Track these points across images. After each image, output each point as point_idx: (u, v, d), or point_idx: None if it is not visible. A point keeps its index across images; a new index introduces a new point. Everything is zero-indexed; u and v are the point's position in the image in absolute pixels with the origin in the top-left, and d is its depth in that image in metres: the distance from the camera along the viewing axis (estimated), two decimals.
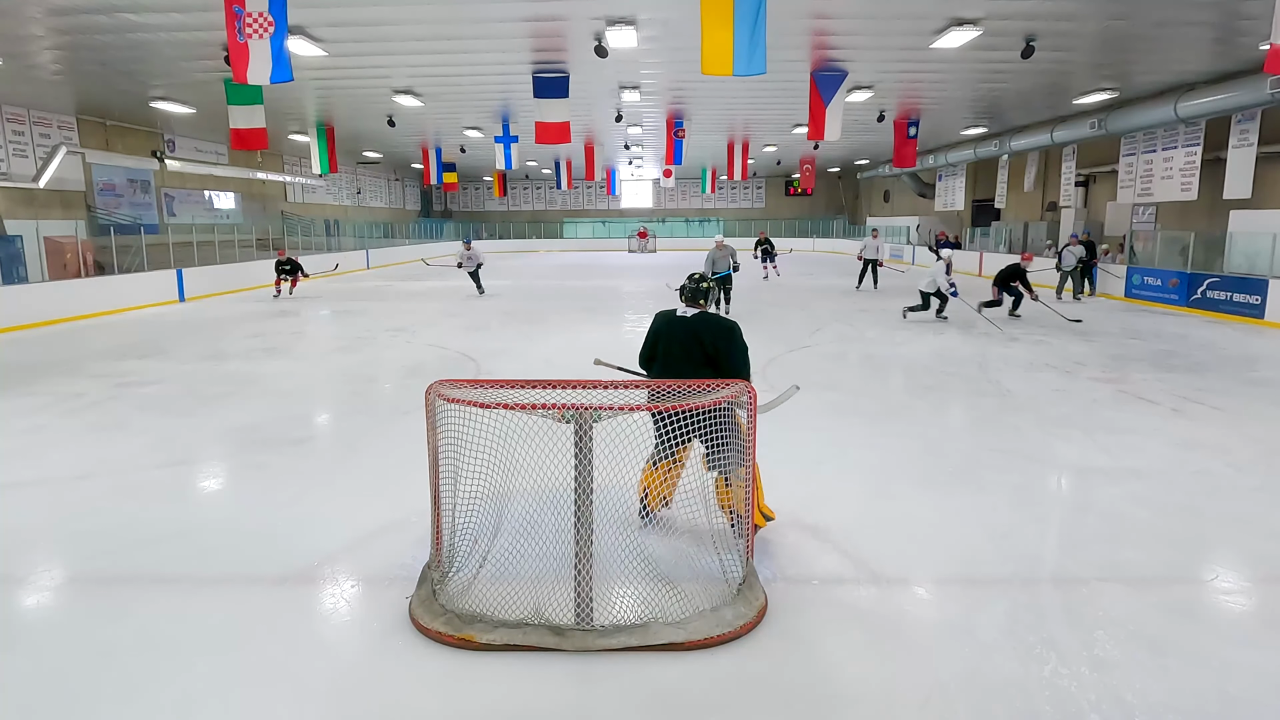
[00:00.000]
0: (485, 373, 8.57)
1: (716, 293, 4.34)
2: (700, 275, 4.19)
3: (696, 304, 4.09)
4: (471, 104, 16.01)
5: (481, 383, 3.27)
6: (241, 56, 7.61)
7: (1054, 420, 6.44)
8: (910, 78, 13.36)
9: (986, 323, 11.78)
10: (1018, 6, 9.03)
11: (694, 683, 2.85)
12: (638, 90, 14.40)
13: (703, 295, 4.11)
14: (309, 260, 18.06)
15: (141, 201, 19.12)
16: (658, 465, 3.79)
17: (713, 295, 4.19)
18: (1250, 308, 12.51)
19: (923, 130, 18.75)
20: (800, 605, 3.37)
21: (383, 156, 27.90)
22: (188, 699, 2.77)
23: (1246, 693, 2.78)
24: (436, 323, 12.63)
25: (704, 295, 4.11)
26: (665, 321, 4.13)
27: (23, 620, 3.38)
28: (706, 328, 3.99)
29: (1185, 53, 11.41)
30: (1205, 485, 4.94)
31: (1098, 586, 3.55)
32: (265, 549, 3.98)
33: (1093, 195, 20.47)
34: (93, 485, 5.00)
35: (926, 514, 4.44)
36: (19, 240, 13.82)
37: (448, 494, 3.35)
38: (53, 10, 8.90)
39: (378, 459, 5.54)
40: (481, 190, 40.81)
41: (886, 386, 7.99)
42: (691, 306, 4.09)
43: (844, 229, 37.57)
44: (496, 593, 3.25)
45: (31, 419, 6.62)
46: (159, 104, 14.93)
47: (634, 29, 9.70)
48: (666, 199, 40.63)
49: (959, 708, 2.70)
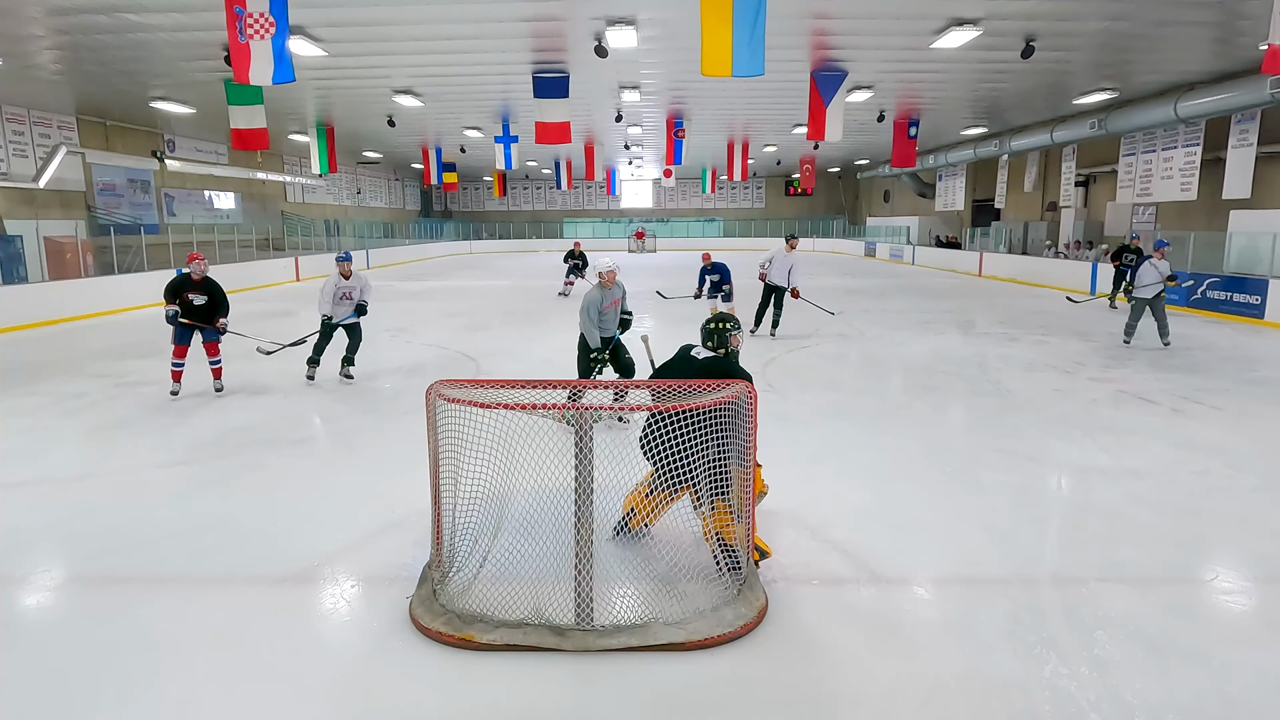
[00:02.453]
0: (485, 373, 8.57)
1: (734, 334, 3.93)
2: (720, 316, 3.93)
3: (708, 346, 3.88)
4: (471, 104, 16.01)
5: (481, 383, 3.26)
6: (243, 57, 7.61)
7: (1054, 420, 6.44)
8: (910, 78, 13.37)
9: (987, 323, 11.76)
10: (1018, 6, 9.03)
11: (694, 683, 2.85)
12: (638, 90, 14.40)
13: (712, 337, 3.84)
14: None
15: (141, 201, 19.12)
16: (651, 494, 3.70)
17: (730, 339, 3.84)
18: (1250, 308, 12.51)
19: (923, 130, 18.75)
20: (800, 605, 3.37)
21: (383, 156, 27.91)
22: (188, 699, 2.77)
23: (1246, 693, 2.78)
24: (436, 322, 12.62)
25: (714, 337, 3.84)
26: (680, 359, 3.97)
27: (23, 620, 3.38)
28: (711, 374, 3.72)
29: (1185, 53, 11.41)
30: (1205, 485, 4.94)
31: (1098, 586, 3.55)
32: (265, 549, 3.98)
33: (1093, 195, 20.48)
34: (93, 485, 5.00)
35: (926, 514, 4.44)
36: (19, 240, 13.82)
37: (448, 494, 3.35)
38: (53, 10, 8.91)
39: (378, 459, 5.53)
40: (481, 190, 40.81)
41: (886, 386, 7.99)
42: (705, 349, 3.89)
43: (844, 229, 37.62)
44: (497, 593, 3.25)
45: (31, 419, 6.62)
46: (159, 104, 14.93)
47: (634, 29, 9.70)
48: (667, 199, 40.63)
49: (959, 708, 2.70)
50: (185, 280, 7.28)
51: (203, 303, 7.28)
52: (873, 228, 33.93)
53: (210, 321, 7.33)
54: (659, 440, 3.30)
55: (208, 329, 7.35)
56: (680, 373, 3.91)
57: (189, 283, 7.26)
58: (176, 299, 7.18)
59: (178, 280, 7.29)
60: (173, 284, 7.25)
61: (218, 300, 7.39)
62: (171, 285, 7.25)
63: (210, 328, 7.34)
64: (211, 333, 7.37)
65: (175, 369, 7.29)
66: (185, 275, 7.31)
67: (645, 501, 3.76)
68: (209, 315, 7.32)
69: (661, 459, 3.32)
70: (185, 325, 7.23)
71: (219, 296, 7.41)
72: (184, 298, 7.20)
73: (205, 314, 7.30)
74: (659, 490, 3.64)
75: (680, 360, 3.97)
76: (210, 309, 7.32)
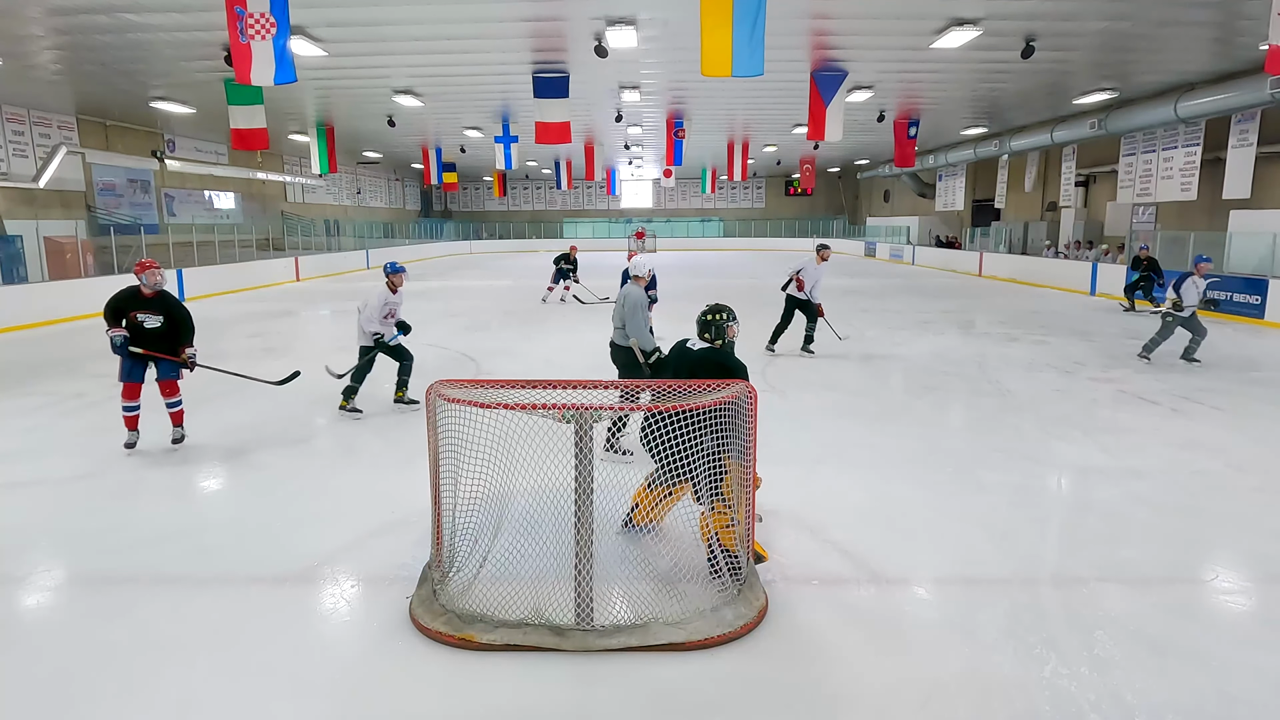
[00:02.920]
0: (485, 373, 8.57)
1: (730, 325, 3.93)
2: (715, 306, 3.93)
3: (704, 339, 3.91)
4: (471, 104, 16.01)
5: (482, 383, 3.27)
6: (244, 58, 7.60)
7: (1054, 420, 6.44)
8: (910, 78, 13.36)
9: (988, 323, 11.74)
10: (1018, 6, 9.03)
11: (694, 683, 2.85)
12: (638, 90, 14.40)
13: (709, 329, 3.87)
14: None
15: (141, 201, 19.13)
16: (652, 489, 3.75)
17: (726, 329, 3.90)
18: (1250, 308, 12.51)
19: (923, 130, 18.76)
20: (800, 605, 3.37)
21: (383, 156, 27.91)
22: (188, 698, 2.77)
23: (1246, 693, 2.78)
24: (436, 322, 12.61)
25: (710, 329, 3.87)
26: (676, 352, 4.02)
27: (23, 620, 3.38)
28: (706, 365, 3.80)
29: (1185, 53, 11.41)
30: (1205, 485, 4.94)
31: (1098, 586, 3.55)
32: (265, 549, 3.99)
33: (1093, 195, 20.48)
34: (93, 485, 5.00)
35: (927, 514, 4.44)
36: (19, 240, 13.83)
37: (448, 494, 3.35)
38: (53, 10, 8.91)
39: (377, 459, 5.54)
40: (481, 190, 40.81)
41: (886, 386, 7.98)
42: (702, 340, 3.92)
43: (844, 229, 37.62)
44: (497, 593, 3.25)
45: (31, 419, 6.62)
46: (159, 104, 14.93)
47: (634, 29, 9.70)
48: (666, 199, 40.64)
49: (959, 708, 2.70)
50: (133, 296, 5.46)
51: (158, 325, 5.46)
52: (873, 228, 33.94)
53: (171, 351, 5.53)
54: (658, 435, 3.32)
55: (166, 361, 5.55)
56: (676, 365, 3.95)
57: (138, 299, 5.45)
58: (122, 321, 5.42)
59: (123, 296, 5.47)
60: (115, 301, 5.45)
61: (178, 321, 5.55)
62: (113, 303, 5.45)
63: (171, 360, 5.55)
64: (170, 367, 5.58)
65: (128, 414, 5.55)
66: (133, 290, 5.48)
67: (647, 495, 3.78)
68: (168, 343, 5.52)
69: (661, 453, 3.34)
70: (138, 357, 5.47)
71: (180, 316, 5.58)
72: (132, 319, 5.42)
73: (163, 341, 5.50)
74: (659, 485, 3.66)
75: (676, 353, 4.02)
76: (170, 334, 5.52)
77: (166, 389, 5.63)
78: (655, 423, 3.38)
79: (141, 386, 5.54)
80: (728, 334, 3.90)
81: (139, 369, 5.53)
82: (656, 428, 3.34)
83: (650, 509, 3.77)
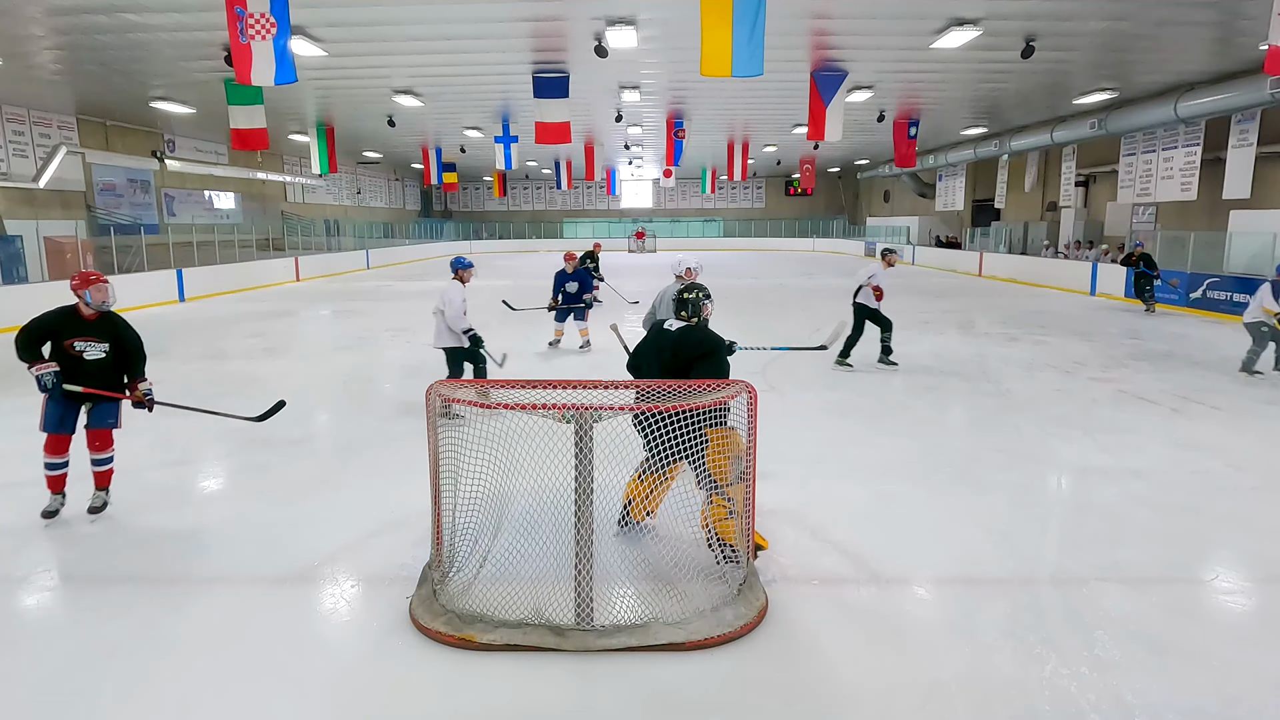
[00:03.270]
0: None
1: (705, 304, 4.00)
2: (690, 285, 4.01)
3: (681, 316, 3.95)
4: (471, 104, 16.01)
5: (482, 383, 3.27)
6: (244, 58, 7.60)
7: (1054, 420, 6.44)
8: (910, 78, 13.37)
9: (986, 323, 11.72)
10: (1018, 6, 9.04)
11: (694, 683, 2.85)
12: (638, 90, 14.41)
13: (686, 306, 3.93)
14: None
15: (141, 201, 19.13)
16: (644, 477, 3.74)
17: (702, 307, 3.97)
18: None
19: (923, 130, 18.75)
20: (800, 605, 3.37)
21: (383, 156, 27.92)
22: (188, 698, 2.77)
23: (1246, 693, 2.78)
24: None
25: (687, 307, 3.93)
26: (654, 333, 4.06)
27: (23, 620, 3.38)
28: (685, 343, 3.84)
29: (1185, 53, 11.41)
30: (1205, 485, 4.94)
31: (1098, 586, 3.55)
32: (265, 549, 3.98)
33: (1093, 195, 20.48)
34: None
35: (926, 514, 4.44)
36: (19, 240, 13.83)
37: (448, 494, 3.35)
38: (53, 10, 8.91)
39: (377, 459, 5.54)
40: (481, 190, 40.81)
41: (886, 386, 7.98)
42: (679, 319, 3.96)
43: (844, 229, 37.60)
44: (497, 593, 3.25)
45: (32, 419, 6.59)
46: (159, 104, 14.93)
47: (634, 29, 9.71)
48: (666, 199, 40.64)
49: (959, 708, 2.70)
50: (69, 318, 4.14)
51: (101, 356, 4.16)
52: (873, 228, 33.94)
53: (115, 388, 4.21)
54: (649, 418, 3.32)
55: (106, 404, 4.21)
56: (655, 346, 3.98)
57: (76, 322, 4.13)
58: (56, 352, 4.10)
59: (53, 319, 4.13)
60: (43, 325, 4.11)
61: (128, 350, 4.25)
62: (39, 327, 4.10)
63: (111, 399, 4.20)
64: (109, 411, 4.24)
65: (51, 472, 4.26)
66: (68, 311, 4.16)
67: (640, 486, 3.77)
68: (112, 376, 4.21)
69: (654, 438, 3.33)
70: (74, 398, 4.15)
71: (130, 344, 4.27)
72: (68, 349, 4.10)
73: (106, 374, 4.18)
74: (651, 473, 3.65)
75: (654, 335, 4.06)
76: (115, 366, 4.22)
77: (97, 440, 4.25)
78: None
79: (70, 438, 4.21)
80: (703, 312, 3.99)
81: (72, 415, 4.21)
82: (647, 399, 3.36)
83: (645, 498, 3.75)
